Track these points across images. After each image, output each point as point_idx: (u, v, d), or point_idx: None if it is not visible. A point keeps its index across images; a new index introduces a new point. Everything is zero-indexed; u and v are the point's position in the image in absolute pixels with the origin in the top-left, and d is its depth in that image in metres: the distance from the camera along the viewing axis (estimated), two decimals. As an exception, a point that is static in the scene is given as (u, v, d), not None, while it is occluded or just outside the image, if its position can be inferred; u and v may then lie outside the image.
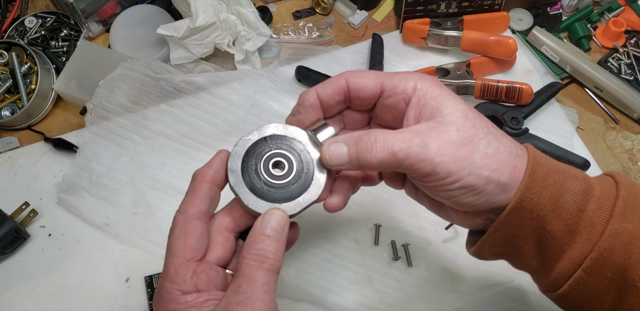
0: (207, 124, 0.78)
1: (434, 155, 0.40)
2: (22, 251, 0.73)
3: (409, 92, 0.44)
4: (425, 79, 0.44)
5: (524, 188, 0.42)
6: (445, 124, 0.42)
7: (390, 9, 0.92)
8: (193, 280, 0.42)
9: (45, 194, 0.76)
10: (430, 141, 0.41)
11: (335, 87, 0.46)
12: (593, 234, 0.41)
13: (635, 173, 0.80)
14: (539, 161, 0.43)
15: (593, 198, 0.42)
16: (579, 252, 0.42)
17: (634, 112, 0.82)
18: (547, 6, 0.90)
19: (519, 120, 0.76)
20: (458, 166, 0.41)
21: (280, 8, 0.91)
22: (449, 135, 0.41)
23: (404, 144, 0.41)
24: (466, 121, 0.42)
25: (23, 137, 0.82)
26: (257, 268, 0.41)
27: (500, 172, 0.41)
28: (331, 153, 0.44)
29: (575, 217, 0.42)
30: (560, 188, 0.42)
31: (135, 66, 0.78)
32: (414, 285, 0.70)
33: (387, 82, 0.45)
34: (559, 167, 0.44)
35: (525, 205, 0.42)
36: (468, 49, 0.82)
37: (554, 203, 0.42)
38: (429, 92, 0.43)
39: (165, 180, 0.76)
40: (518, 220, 0.43)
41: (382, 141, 0.42)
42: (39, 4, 0.91)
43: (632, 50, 0.87)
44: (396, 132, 0.42)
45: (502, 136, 0.43)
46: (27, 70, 0.82)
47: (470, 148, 0.41)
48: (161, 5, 0.87)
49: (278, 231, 0.43)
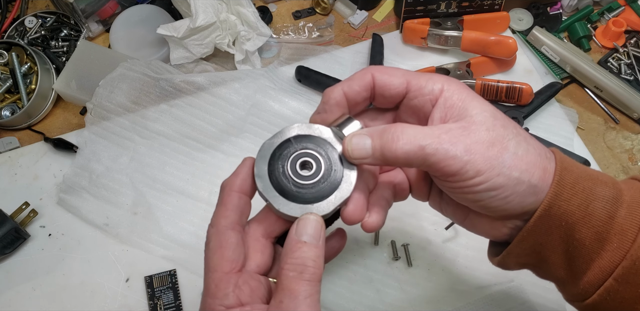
0: (207, 124, 0.78)
1: (463, 153, 0.39)
2: (22, 251, 0.73)
3: (436, 93, 0.43)
4: (452, 81, 0.43)
5: (552, 195, 0.41)
6: (474, 124, 0.41)
7: (390, 9, 0.92)
8: (235, 293, 0.41)
9: (45, 194, 0.76)
10: (459, 139, 0.40)
11: (361, 83, 0.45)
12: (624, 242, 0.40)
13: (635, 173, 0.80)
14: (566, 166, 0.42)
15: (623, 204, 0.41)
16: (609, 260, 0.41)
17: (634, 112, 0.82)
18: (547, 6, 0.90)
19: (519, 120, 0.76)
20: (487, 166, 0.39)
21: (280, 8, 0.91)
22: (478, 134, 0.40)
23: (432, 139, 0.39)
24: (495, 121, 0.41)
25: (23, 137, 0.82)
26: (297, 280, 0.40)
27: (531, 173, 0.40)
28: (354, 145, 0.42)
29: (605, 224, 0.41)
30: (590, 195, 0.41)
31: (135, 66, 0.78)
32: (414, 284, 0.70)
33: (413, 82, 0.44)
34: (587, 172, 0.42)
35: (554, 213, 0.41)
36: (468, 49, 0.82)
37: (584, 210, 0.41)
38: (456, 94, 0.42)
39: (165, 180, 0.76)
40: (546, 228, 0.42)
41: (409, 133, 0.40)
42: (39, 4, 0.91)
43: (632, 50, 0.87)
44: (424, 127, 0.41)
45: (530, 138, 0.42)
46: (27, 70, 0.82)
47: (500, 148, 0.40)
48: (161, 5, 0.87)
49: (315, 237, 0.41)
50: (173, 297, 0.70)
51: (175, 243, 0.72)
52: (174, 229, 0.73)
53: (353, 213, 0.45)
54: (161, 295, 0.70)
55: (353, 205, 0.45)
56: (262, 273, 0.44)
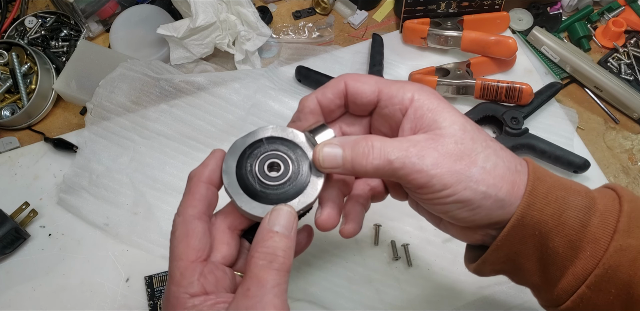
0: (207, 124, 0.78)
1: (430, 167, 0.40)
2: (22, 251, 0.73)
3: (405, 103, 0.43)
4: (424, 90, 0.43)
5: (524, 205, 0.41)
6: (442, 137, 0.41)
7: (390, 9, 0.92)
8: (200, 282, 0.41)
9: (45, 194, 0.76)
10: (427, 152, 0.40)
11: (334, 91, 0.46)
12: (597, 251, 0.41)
13: (635, 173, 0.80)
14: (539, 176, 0.42)
15: (596, 212, 0.41)
16: (582, 268, 0.41)
17: (633, 112, 0.82)
18: (547, 6, 0.90)
19: (519, 120, 0.76)
20: (454, 179, 0.40)
21: (280, 8, 0.91)
22: (446, 147, 0.40)
23: (400, 153, 0.40)
24: (464, 134, 0.41)
25: (23, 137, 0.82)
26: (266, 269, 0.40)
27: (498, 187, 0.41)
28: (325, 155, 0.43)
29: (578, 233, 0.41)
30: (562, 204, 0.41)
31: (135, 66, 0.78)
32: (413, 284, 0.70)
33: (384, 90, 0.44)
34: (560, 182, 0.43)
35: (527, 222, 0.41)
36: (468, 49, 0.82)
37: (557, 220, 0.41)
38: (426, 104, 0.42)
39: (165, 180, 0.76)
40: (519, 237, 0.42)
41: (379, 147, 0.41)
42: (39, 4, 0.91)
43: (632, 50, 0.87)
44: (394, 140, 0.41)
45: (501, 150, 0.42)
46: (27, 70, 0.82)
47: (467, 162, 0.40)
48: (161, 5, 0.87)
49: (287, 228, 0.42)
50: (173, 297, 0.69)
51: (175, 243, 0.72)
52: (174, 229, 0.73)
53: (326, 221, 0.45)
54: (161, 294, 0.70)
55: (326, 214, 0.45)
56: (227, 264, 0.44)
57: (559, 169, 0.77)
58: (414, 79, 0.81)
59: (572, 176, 0.77)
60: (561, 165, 0.76)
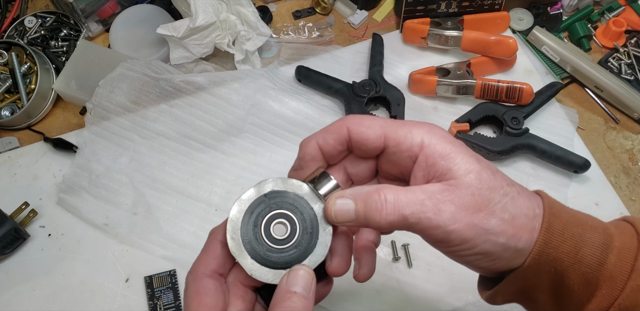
0: (207, 124, 0.78)
1: (447, 222, 0.38)
2: (21, 251, 0.73)
3: (415, 150, 0.40)
4: (434, 133, 0.40)
5: (541, 243, 0.40)
6: (458, 187, 0.39)
7: (390, 9, 0.91)
8: None
9: (45, 194, 0.76)
10: (443, 206, 0.38)
11: (337, 137, 0.43)
12: (613, 290, 0.40)
13: (636, 173, 0.80)
14: (555, 212, 0.41)
15: (613, 250, 0.40)
16: (598, 307, 0.40)
17: (634, 112, 0.82)
18: (548, 6, 0.90)
19: (519, 120, 0.76)
20: (473, 233, 0.38)
21: (280, 8, 0.91)
22: (463, 199, 0.38)
23: (415, 208, 0.38)
24: (481, 183, 0.39)
25: (23, 137, 0.82)
26: None
27: (518, 238, 0.39)
28: (337, 209, 0.41)
29: (595, 271, 0.40)
30: (579, 241, 0.40)
31: (135, 65, 0.78)
32: (414, 285, 0.70)
33: (391, 136, 0.41)
34: (576, 218, 0.41)
35: (543, 260, 0.40)
36: (468, 48, 0.82)
37: (573, 257, 0.40)
38: (438, 150, 0.39)
39: (165, 180, 0.75)
40: (534, 273, 0.41)
41: (392, 201, 0.38)
42: (38, 3, 0.91)
43: (632, 50, 0.86)
44: (407, 191, 0.39)
45: (518, 196, 0.40)
46: (26, 70, 0.82)
47: (486, 213, 0.38)
48: (161, 5, 0.87)
49: (306, 289, 0.40)
50: (173, 297, 0.69)
51: (175, 243, 0.72)
52: (173, 229, 0.73)
53: (337, 270, 0.44)
54: (161, 295, 0.69)
55: (336, 263, 0.44)
56: None
57: (559, 169, 0.77)
58: (414, 78, 0.81)
59: (572, 176, 0.77)
60: (561, 165, 0.76)
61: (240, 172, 0.76)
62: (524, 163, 0.78)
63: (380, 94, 0.79)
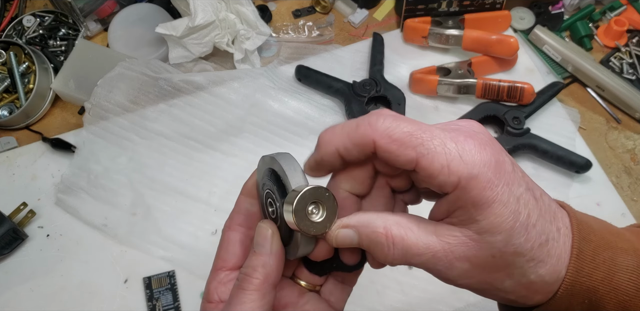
0: (206, 123, 0.77)
1: (457, 278, 0.36)
2: (20, 251, 0.72)
3: (447, 189, 0.35)
4: (479, 171, 0.34)
5: (573, 272, 0.36)
6: (480, 245, 0.35)
7: (390, 8, 0.91)
8: (216, 290, 0.41)
9: (43, 195, 0.76)
10: (457, 263, 0.35)
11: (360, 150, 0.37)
12: None
13: (637, 173, 0.79)
14: (585, 236, 0.37)
15: None
16: None
17: (636, 111, 0.82)
18: (549, 5, 0.90)
19: (521, 120, 0.76)
20: (482, 288, 0.37)
21: (280, 7, 0.91)
22: (481, 260, 0.35)
23: (425, 259, 0.36)
24: (507, 247, 0.35)
25: (21, 137, 0.81)
26: (237, 289, 0.38)
27: (529, 298, 0.37)
28: (339, 239, 0.38)
29: (633, 298, 0.37)
30: (612, 266, 0.37)
31: (133, 65, 0.77)
32: (414, 286, 0.69)
33: (424, 165, 0.35)
34: (605, 240, 0.38)
35: (576, 291, 0.37)
36: (469, 48, 0.81)
37: (607, 285, 0.37)
38: (472, 197, 0.34)
39: (164, 180, 0.75)
40: (565, 306, 0.38)
41: (400, 247, 0.36)
42: (37, 3, 0.90)
43: (634, 49, 0.86)
44: (420, 235, 0.36)
45: (556, 245, 0.36)
46: (25, 69, 0.81)
47: (502, 275, 0.36)
48: (160, 4, 0.86)
49: (263, 245, 0.39)
50: (172, 298, 0.69)
51: (174, 244, 0.72)
52: (172, 230, 0.73)
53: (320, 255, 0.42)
54: (160, 296, 0.69)
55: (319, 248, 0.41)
56: None
57: (561, 169, 0.76)
58: (415, 78, 0.81)
59: (574, 176, 0.77)
60: (563, 165, 0.75)
61: (240, 172, 0.76)
62: (526, 163, 0.78)
63: (381, 93, 0.78)
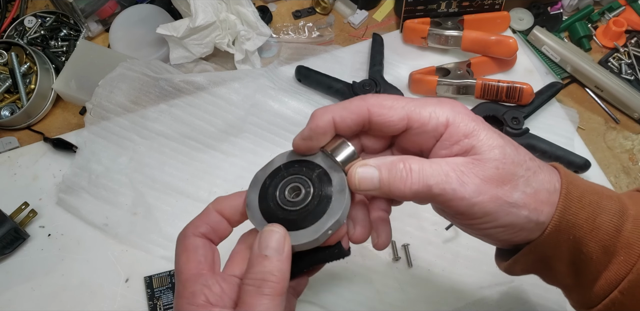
0: (207, 124, 0.78)
1: (472, 194, 0.38)
2: (21, 251, 0.73)
3: (440, 129, 0.40)
4: (458, 111, 0.40)
5: (561, 209, 0.40)
6: (483, 161, 0.39)
7: (390, 9, 0.91)
8: (204, 293, 0.40)
9: (44, 195, 0.76)
10: (468, 179, 0.38)
11: (355, 118, 0.41)
12: (630, 256, 0.40)
13: (636, 173, 0.80)
14: (572, 180, 0.41)
15: (629, 217, 0.41)
16: (616, 273, 0.41)
17: (634, 112, 0.82)
18: (548, 6, 0.90)
19: (520, 120, 0.76)
20: (496, 206, 0.39)
21: (280, 8, 0.91)
22: (487, 172, 0.39)
23: (440, 178, 0.38)
24: (505, 158, 0.39)
25: (22, 137, 0.81)
26: (256, 295, 0.38)
27: (540, 211, 0.40)
28: (360, 177, 0.40)
29: (612, 238, 0.41)
30: (596, 208, 0.41)
31: (134, 65, 0.78)
32: (414, 285, 0.69)
33: (414, 117, 0.40)
34: (591, 186, 0.42)
35: (563, 227, 0.41)
36: (468, 48, 0.82)
37: (591, 224, 0.40)
38: (462, 129, 0.40)
39: (165, 180, 0.75)
40: (554, 242, 0.41)
41: (417, 170, 0.39)
42: (38, 3, 0.91)
43: (632, 50, 0.86)
44: (432, 163, 0.39)
45: (540, 170, 0.41)
46: (26, 70, 0.82)
47: (510, 187, 0.39)
48: (161, 5, 0.87)
49: (277, 250, 0.40)
50: (173, 297, 0.69)
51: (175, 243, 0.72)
52: (173, 229, 0.73)
53: (360, 238, 0.44)
54: (161, 295, 0.69)
55: (359, 233, 0.44)
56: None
57: (559, 169, 0.77)
58: (414, 78, 0.81)
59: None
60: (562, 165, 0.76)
61: (240, 172, 0.76)
62: (524, 163, 0.78)
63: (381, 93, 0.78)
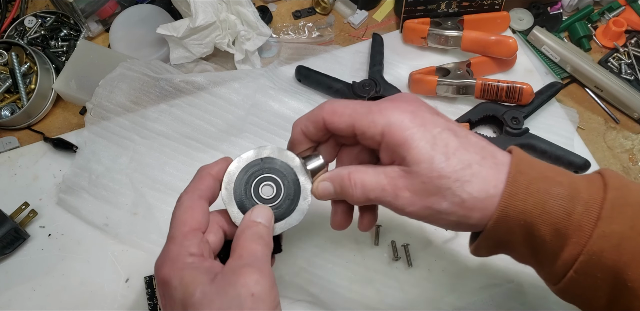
0: (207, 124, 0.78)
1: (405, 205, 0.45)
2: (21, 251, 0.73)
3: (377, 139, 0.46)
4: (393, 121, 0.45)
5: (507, 195, 0.43)
6: (412, 175, 0.44)
7: (390, 9, 0.91)
8: (200, 246, 0.45)
9: (45, 195, 0.76)
10: (400, 193, 0.45)
11: (315, 126, 0.49)
12: (582, 237, 0.42)
13: (636, 173, 0.80)
14: (521, 169, 0.44)
15: (580, 201, 0.43)
16: (569, 254, 0.43)
17: (634, 112, 0.82)
18: (548, 6, 0.90)
19: (520, 120, 0.76)
20: (427, 213, 0.45)
21: (280, 8, 0.91)
22: (416, 186, 0.44)
23: (378, 192, 0.46)
24: (432, 172, 0.43)
25: (23, 137, 0.82)
26: (256, 243, 0.45)
27: (468, 217, 0.44)
28: (320, 190, 0.50)
29: (563, 221, 0.43)
30: (545, 194, 0.43)
31: (134, 65, 0.78)
32: (414, 285, 0.70)
33: (357, 124, 0.46)
34: (543, 173, 0.45)
35: (511, 212, 0.44)
36: (468, 48, 0.82)
37: (540, 208, 0.43)
38: (395, 140, 0.44)
39: (165, 180, 0.75)
40: (506, 228, 0.44)
41: (360, 185, 0.47)
42: (38, 3, 0.91)
43: (632, 50, 0.86)
44: (373, 175, 0.46)
45: (473, 178, 0.44)
46: (26, 70, 0.82)
47: (437, 197, 0.44)
48: (161, 5, 0.87)
49: (268, 221, 0.48)
50: (173, 297, 0.69)
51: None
52: (173, 229, 0.73)
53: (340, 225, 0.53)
54: (161, 295, 0.69)
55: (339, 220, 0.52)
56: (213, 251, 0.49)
57: (559, 169, 0.77)
58: (414, 78, 0.81)
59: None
60: (562, 165, 0.76)
61: (240, 172, 0.76)
62: (524, 162, 0.78)
63: (380, 94, 0.79)
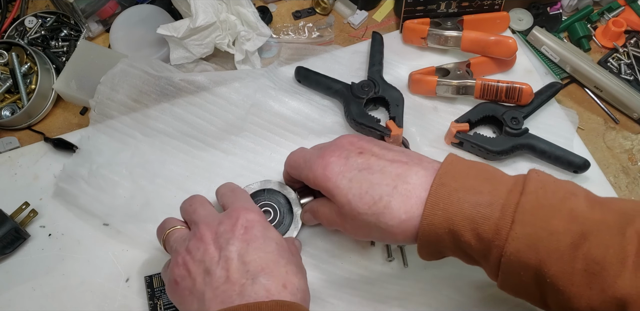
0: (207, 122, 0.78)
1: (351, 234, 0.60)
2: (22, 251, 0.73)
3: (316, 187, 0.58)
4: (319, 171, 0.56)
5: (429, 206, 0.49)
6: (342, 215, 0.57)
7: (390, 9, 0.92)
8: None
9: (45, 194, 0.76)
10: (344, 225, 0.58)
11: (288, 173, 0.65)
12: (501, 240, 0.47)
13: (635, 173, 0.80)
14: (444, 182, 0.50)
15: (497, 207, 0.48)
16: (494, 257, 0.48)
17: (633, 112, 0.82)
18: (547, 6, 0.90)
19: (519, 120, 0.76)
20: (370, 239, 0.60)
21: (280, 8, 0.91)
22: (348, 223, 0.57)
23: (333, 224, 0.60)
24: (352, 211, 0.54)
25: (23, 137, 0.82)
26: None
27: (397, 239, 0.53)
28: (305, 219, 0.67)
29: (483, 226, 0.48)
30: (465, 203, 0.48)
31: (136, 62, 0.78)
32: (410, 285, 0.69)
33: (302, 178, 0.60)
34: (466, 185, 0.50)
35: (435, 221, 0.49)
36: (468, 49, 0.82)
37: (461, 216, 0.48)
38: (323, 189, 0.57)
39: (165, 177, 0.76)
40: (435, 236, 0.50)
41: (322, 218, 0.62)
42: (39, 4, 0.91)
43: (632, 50, 0.87)
44: (328, 211, 0.60)
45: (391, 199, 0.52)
46: (27, 70, 0.82)
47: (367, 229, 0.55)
48: (161, 5, 0.87)
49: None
50: (173, 297, 0.69)
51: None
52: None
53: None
54: (161, 294, 0.69)
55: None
56: None
57: (559, 169, 0.77)
58: (414, 79, 0.81)
59: (572, 177, 0.77)
60: (561, 165, 0.76)
61: (240, 170, 0.77)
62: (524, 163, 0.78)
63: (379, 94, 0.78)
